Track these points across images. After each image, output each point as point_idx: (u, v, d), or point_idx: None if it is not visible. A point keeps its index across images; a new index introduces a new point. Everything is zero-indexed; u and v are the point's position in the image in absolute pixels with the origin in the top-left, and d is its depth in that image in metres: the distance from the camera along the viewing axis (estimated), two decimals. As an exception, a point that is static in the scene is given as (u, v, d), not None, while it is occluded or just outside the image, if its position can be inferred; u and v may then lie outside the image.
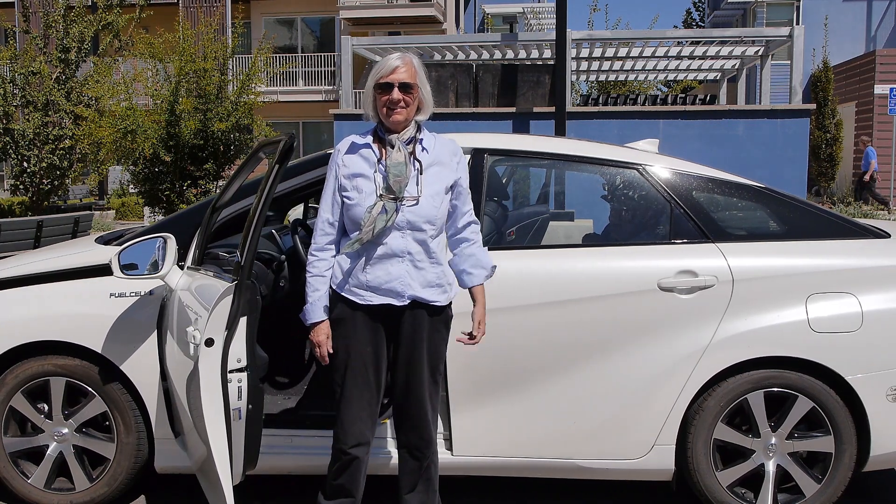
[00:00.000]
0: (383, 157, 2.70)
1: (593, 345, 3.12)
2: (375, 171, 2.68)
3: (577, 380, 3.14)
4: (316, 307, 2.74)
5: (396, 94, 2.65)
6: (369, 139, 2.77)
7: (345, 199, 2.71)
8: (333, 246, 2.77)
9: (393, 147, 2.68)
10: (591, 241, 3.95)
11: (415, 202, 2.66)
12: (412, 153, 2.70)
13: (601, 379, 3.14)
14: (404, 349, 2.74)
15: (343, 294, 2.72)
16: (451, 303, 2.79)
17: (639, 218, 3.70)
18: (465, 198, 2.83)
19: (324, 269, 2.74)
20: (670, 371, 3.12)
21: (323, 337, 2.74)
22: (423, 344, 2.74)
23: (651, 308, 3.12)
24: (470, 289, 2.82)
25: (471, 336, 2.80)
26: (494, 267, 2.86)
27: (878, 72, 18.13)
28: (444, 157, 2.78)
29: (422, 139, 2.76)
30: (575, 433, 3.17)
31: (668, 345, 3.12)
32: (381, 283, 2.68)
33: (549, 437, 3.18)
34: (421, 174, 2.69)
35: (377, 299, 2.69)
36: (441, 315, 2.76)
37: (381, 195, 2.63)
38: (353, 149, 2.76)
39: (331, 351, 2.74)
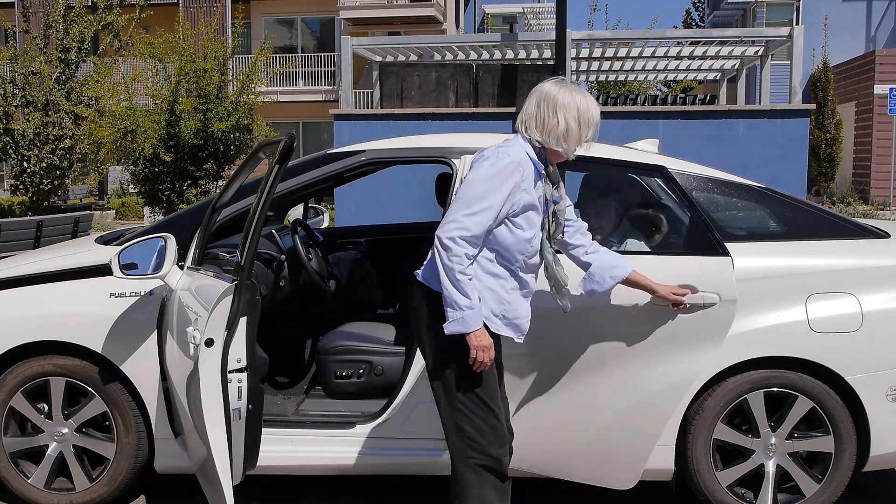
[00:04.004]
0: (547, 193, 2.61)
1: (593, 345, 3.10)
2: (541, 208, 2.60)
3: (577, 382, 3.13)
4: (479, 310, 2.49)
5: None
6: (542, 168, 2.60)
7: (511, 227, 2.55)
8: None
9: (554, 185, 2.63)
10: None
11: (556, 247, 2.70)
12: None
13: (601, 379, 3.12)
14: (497, 371, 2.73)
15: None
16: None
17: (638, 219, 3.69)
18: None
19: (472, 274, 2.50)
20: (670, 371, 3.11)
21: (491, 340, 2.51)
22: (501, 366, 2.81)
23: (651, 308, 3.10)
24: (628, 279, 2.87)
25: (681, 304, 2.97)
26: None
27: (877, 72, 18.11)
28: None
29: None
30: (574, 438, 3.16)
31: (668, 344, 3.12)
32: (514, 318, 2.62)
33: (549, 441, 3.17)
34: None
35: (503, 331, 2.62)
36: None
37: (548, 241, 2.62)
38: (537, 176, 2.59)
39: (493, 356, 2.54)
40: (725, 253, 3.15)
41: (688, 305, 3.02)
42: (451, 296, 2.45)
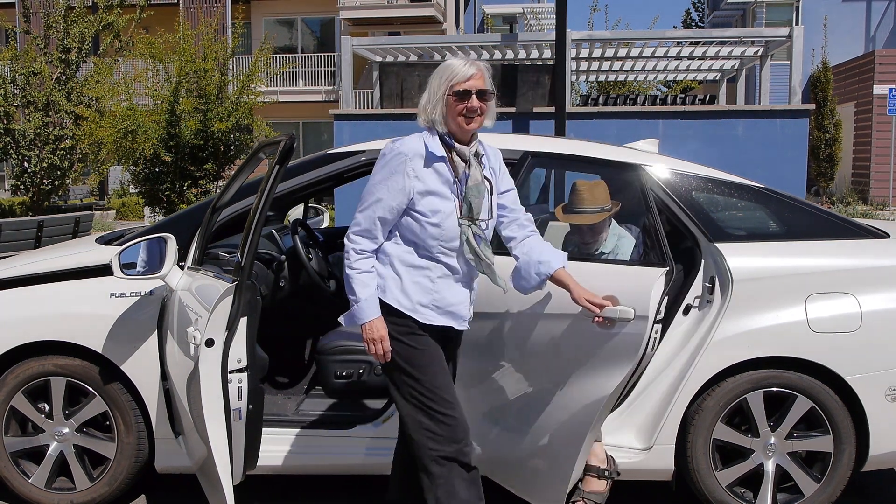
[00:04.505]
0: (457, 174, 2.58)
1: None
2: (451, 191, 2.57)
3: (509, 396, 3.09)
4: (371, 303, 2.53)
5: (475, 101, 2.54)
6: (442, 151, 2.58)
7: (415, 216, 2.55)
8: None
9: (466, 162, 2.58)
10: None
11: (485, 225, 2.63)
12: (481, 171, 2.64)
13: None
14: (452, 365, 2.77)
15: (407, 313, 2.56)
16: None
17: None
18: (517, 197, 2.82)
19: (369, 267, 2.56)
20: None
21: (384, 331, 2.54)
22: (454, 362, 2.80)
23: (562, 320, 2.98)
24: (553, 276, 2.71)
25: (600, 317, 2.76)
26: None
27: (877, 72, 18.11)
28: (500, 167, 2.76)
29: (484, 153, 2.68)
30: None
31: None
32: (447, 305, 2.60)
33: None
34: (492, 195, 2.65)
35: (439, 321, 2.60)
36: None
37: (467, 220, 2.56)
38: (429, 161, 2.56)
39: (389, 348, 2.56)
40: (662, 264, 3.05)
41: (608, 324, 2.81)
42: (347, 289, 2.59)
